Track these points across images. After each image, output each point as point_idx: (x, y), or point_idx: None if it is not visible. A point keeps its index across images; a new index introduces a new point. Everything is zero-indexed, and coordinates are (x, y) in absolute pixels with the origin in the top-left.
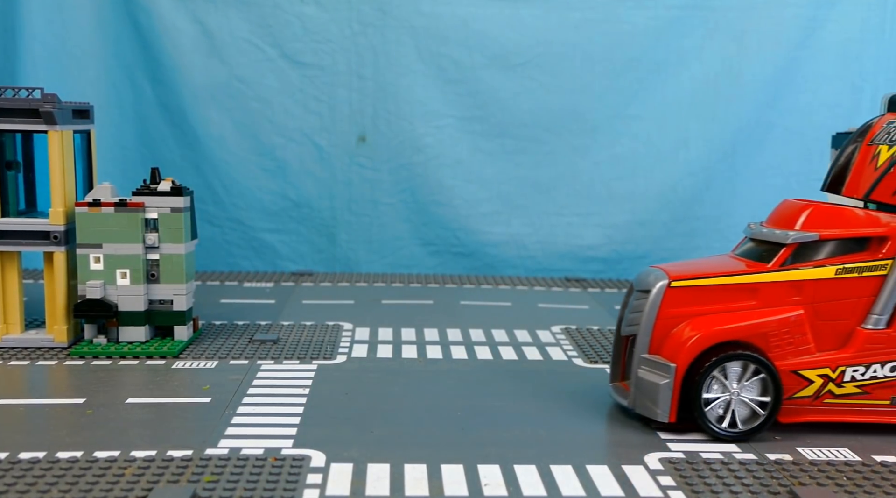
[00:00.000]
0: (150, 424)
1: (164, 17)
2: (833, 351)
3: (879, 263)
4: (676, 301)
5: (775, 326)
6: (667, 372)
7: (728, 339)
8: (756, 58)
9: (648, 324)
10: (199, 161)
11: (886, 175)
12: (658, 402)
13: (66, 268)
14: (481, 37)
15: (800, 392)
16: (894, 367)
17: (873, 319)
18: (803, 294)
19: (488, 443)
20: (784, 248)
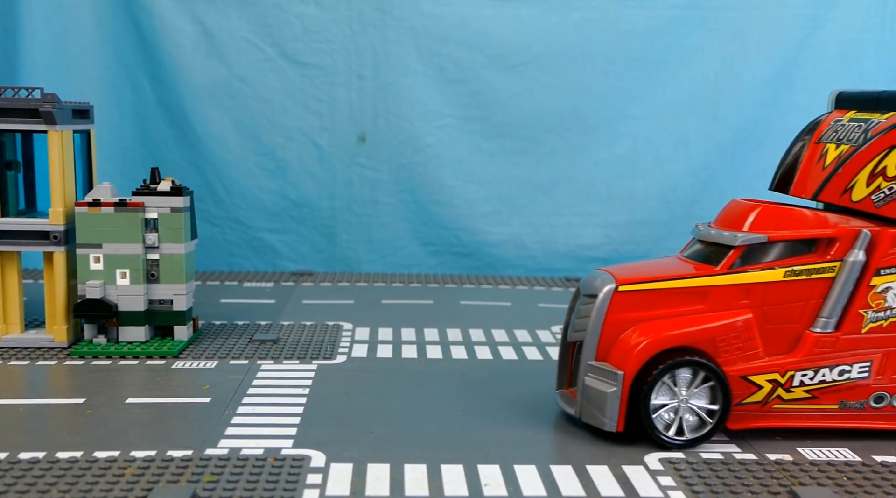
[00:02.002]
0: (150, 424)
1: (164, 17)
2: (782, 355)
3: (828, 265)
4: (624, 306)
5: (724, 331)
6: (614, 380)
7: (676, 345)
8: (756, 58)
9: (595, 329)
10: (199, 161)
11: (834, 175)
12: (605, 410)
13: (66, 268)
14: (481, 37)
15: (749, 398)
16: (843, 371)
17: (822, 322)
18: (752, 297)
19: (488, 443)
20: (732, 250)
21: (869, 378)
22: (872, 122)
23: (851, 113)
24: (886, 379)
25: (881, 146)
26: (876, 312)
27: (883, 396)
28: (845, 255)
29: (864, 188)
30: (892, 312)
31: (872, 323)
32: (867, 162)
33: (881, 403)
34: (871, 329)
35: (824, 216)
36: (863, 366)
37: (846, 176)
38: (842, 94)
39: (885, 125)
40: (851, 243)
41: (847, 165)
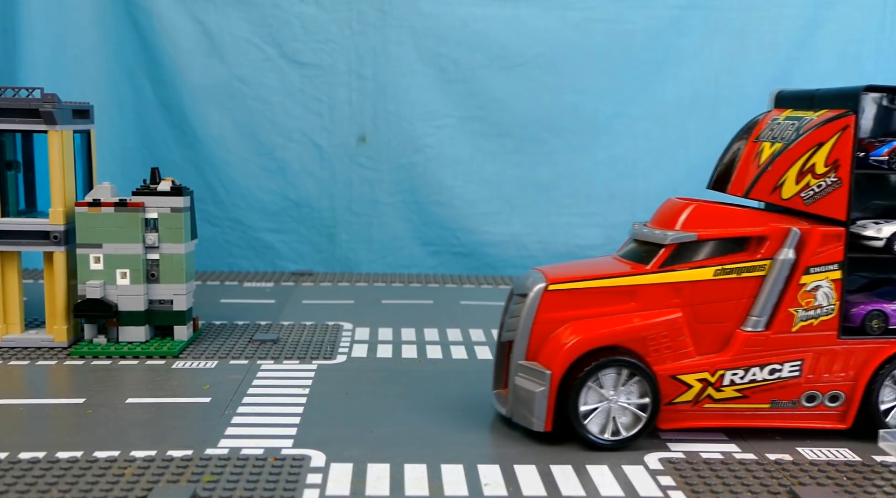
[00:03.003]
0: (150, 424)
1: (164, 17)
2: (712, 354)
3: (758, 263)
4: (554, 305)
5: (653, 330)
6: (542, 379)
7: (605, 344)
8: (756, 58)
9: (525, 329)
10: (199, 161)
11: (765, 172)
12: (534, 410)
13: (66, 268)
14: (481, 37)
15: (679, 397)
16: (774, 370)
17: (752, 321)
18: (682, 296)
19: (488, 443)
20: (663, 248)
21: (800, 377)
22: (805, 120)
23: (788, 111)
24: (818, 378)
25: (809, 143)
26: (806, 310)
27: (815, 396)
28: (775, 253)
29: (794, 186)
30: (823, 311)
31: (803, 322)
32: (796, 159)
33: (813, 403)
34: (802, 328)
35: (756, 214)
36: (794, 365)
37: (776, 173)
38: (781, 93)
39: (814, 123)
40: (781, 242)
41: (776, 163)
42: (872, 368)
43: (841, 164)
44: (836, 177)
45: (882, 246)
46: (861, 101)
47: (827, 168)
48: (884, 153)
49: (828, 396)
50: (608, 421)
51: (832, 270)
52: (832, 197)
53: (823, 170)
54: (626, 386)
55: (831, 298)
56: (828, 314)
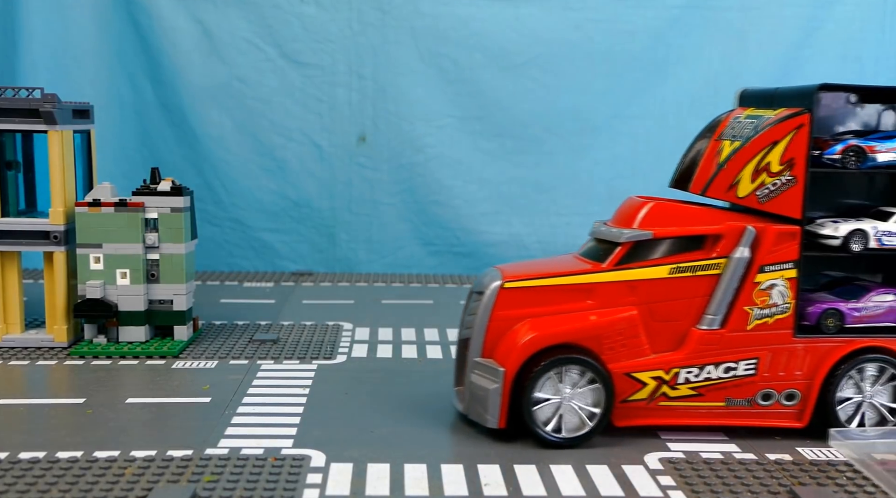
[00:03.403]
0: (150, 424)
1: (164, 17)
2: (668, 352)
3: (713, 261)
4: (510, 303)
5: (608, 328)
6: (496, 376)
7: (559, 342)
8: (756, 58)
9: (481, 326)
10: (199, 161)
11: (721, 171)
12: (488, 407)
13: (66, 268)
14: (481, 37)
15: (634, 395)
16: (729, 368)
17: (707, 319)
18: (637, 294)
19: (488, 443)
20: (619, 247)
21: (756, 375)
22: (763, 119)
23: (749, 110)
24: (773, 376)
25: (764, 142)
26: (761, 309)
27: (770, 394)
28: (731, 252)
29: (749, 184)
30: (778, 309)
31: (758, 320)
32: (751, 158)
33: (769, 401)
34: (757, 326)
35: (713, 213)
36: (749, 363)
37: (731, 172)
38: (745, 92)
39: (769, 121)
40: (737, 240)
41: (732, 161)
42: (828, 366)
43: (796, 162)
44: (791, 175)
45: (839, 245)
46: (816, 99)
47: (782, 166)
48: (837, 152)
49: (784, 395)
50: (559, 418)
51: (787, 269)
52: (787, 195)
53: (778, 168)
54: (581, 386)
55: (786, 296)
56: (783, 313)
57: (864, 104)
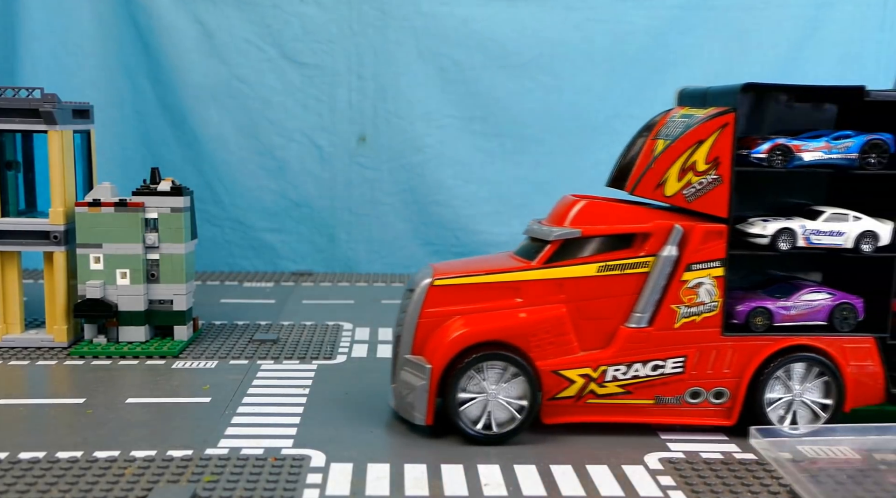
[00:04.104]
0: (150, 424)
1: (164, 17)
2: (596, 350)
3: (641, 260)
4: (439, 300)
5: (535, 326)
6: (423, 373)
7: (486, 339)
8: (756, 58)
9: (411, 324)
10: (199, 161)
11: (649, 170)
12: (415, 404)
13: (66, 268)
14: (481, 37)
15: (562, 392)
16: (657, 366)
17: (635, 317)
18: (566, 292)
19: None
20: (548, 245)
21: (684, 373)
22: (694, 118)
23: (684, 109)
24: (701, 374)
25: (690, 141)
26: (688, 307)
27: (699, 392)
28: (659, 250)
29: (676, 183)
30: (705, 308)
31: (685, 318)
32: (678, 157)
33: (697, 399)
34: (685, 324)
35: (642, 211)
36: (677, 361)
37: (659, 171)
38: (683, 91)
39: (695, 120)
40: (665, 238)
41: (659, 160)
42: (755, 365)
43: (721, 161)
44: (717, 174)
45: (767, 243)
46: (740, 99)
47: (707, 165)
48: (763, 151)
49: (712, 393)
50: (485, 415)
51: (714, 267)
52: (713, 194)
53: (704, 167)
54: (507, 381)
55: (714, 294)
56: (710, 311)
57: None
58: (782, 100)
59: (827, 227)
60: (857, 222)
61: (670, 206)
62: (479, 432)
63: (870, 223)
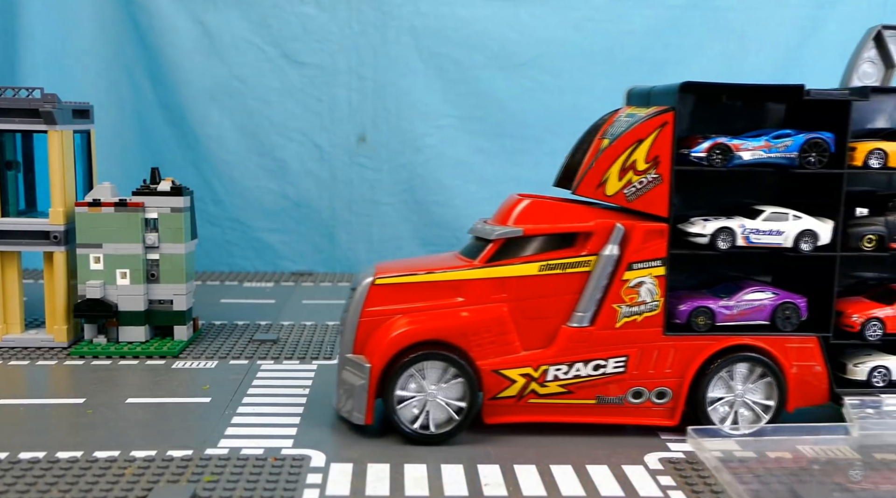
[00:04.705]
0: (150, 424)
1: (164, 16)
2: (537, 350)
3: (583, 259)
4: (380, 299)
5: (476, 325)
6: (363, 373)
7: (426, 338)
8: (756, 58)
9: (352, 323)
10: (199, 161)
11: (590, 169)
12: (355, 403)
13: (66, 268)
14: (481, 37)
15: (503, 392)
16: (598, 366)
17: (577, 316)
18: (507, 291)
19: (488, 443)
20: (490, 244)
21: (625, 373)
22: (636, 117)
23: (630, 108)
24: (643, 374)
25: (630, 140)
26: (629, 306)
27: (641, 392)
28: (600, 249)
29: (617, 182)
30: (647, 307)
31: (626, 318)
32: (618, 156)
33: (640, 399)
34: (626, 324)
35: (585, 210)
36: (618, 361)
37: (600, 170)
38: (632, 90)
39: (635, 119)
40: (606, 238)
41: (600, 159)
42: (697, 364)
43: (661, 160)
44: (657, 173)
45: (707, 242)
46: (679, 98)
47: (647, 164)
48: (703, 150)
49: (654, 393)
50: (423, 415)
51: (655, 267)
52: (653, 193)
53: (644, 166)
54: (446, 381)
55: (655, 294)
56: (652, 310)
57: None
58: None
59: (766, 226)
60: (797, 221)
61: (615, 205)
62: (416, 432)
63: (810, 222)
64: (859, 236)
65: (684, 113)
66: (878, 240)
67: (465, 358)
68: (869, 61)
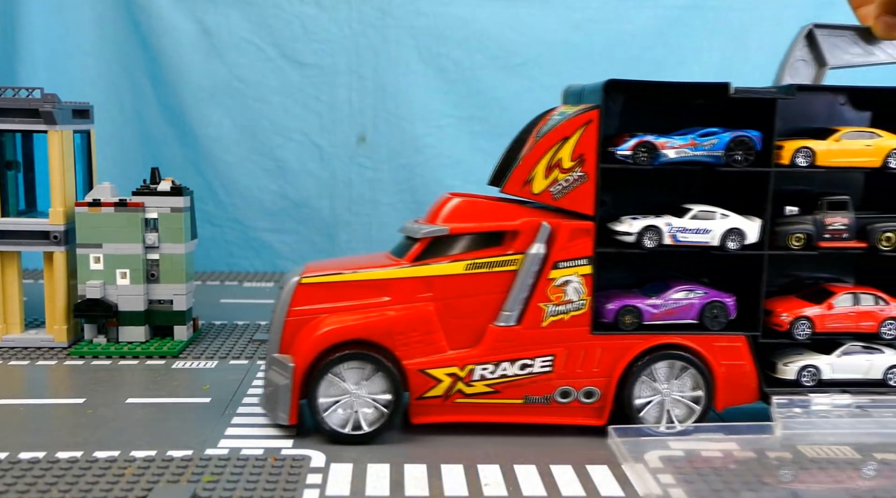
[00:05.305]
0: (150, 424)
1: (164, 16)
2: (464, 349)
3: (509, 258)
4: (307, 298)
5: (402, 324)
6: (286, 372)
7: (351, 337)
8: (756, 58)
9: (279, 322)
10: (199, 161)
11: (516, 167)
12: (278, 403)
13: (66, 268)
14: (481, 37)
15: (429, 391)
16: (525, 365)
17: (504, 315)
18: (434, 290)
19: (488, 443)
20: (417, 242)
21: (552, 373)
22: (566, 115)
23: (565, 106)
24: (571, 373)
25: (556, 138)
26: (556, 305)
27: (568, 391)
28: (527, 248)
29: (543, 180)
30: (573, 306)
31: (553, 317)
32: (544, 154)
33: (567, 398)
34: (552, 323)
35: (513, 209)
36: (545, 360)
37: (526, 168)
38: (568, 88)
39: (561, 118)
40: (533, 236)
41: (527, 157)
42: (624, 363)
43: (586, 158)
44: (582, 171)
45: (633, 241)
46: (603, 96)
47: (573, 163)
48: (628, 148)
49: (582, 392)
50: (347, 413)
51: (581, 265)
52: (579, 191)
53: (570, 164)
54: (371, 381)
55: (581, 293)
56: (578, 309)
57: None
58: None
59: (693, 224)
60: (724, 220)
61: (544, 204)
62: (340, 432)
63: (736, 221)
64: (787, 235)
65: (615, 111)
66: (805, 238)
67: (390, 357)
68: (801, 60)
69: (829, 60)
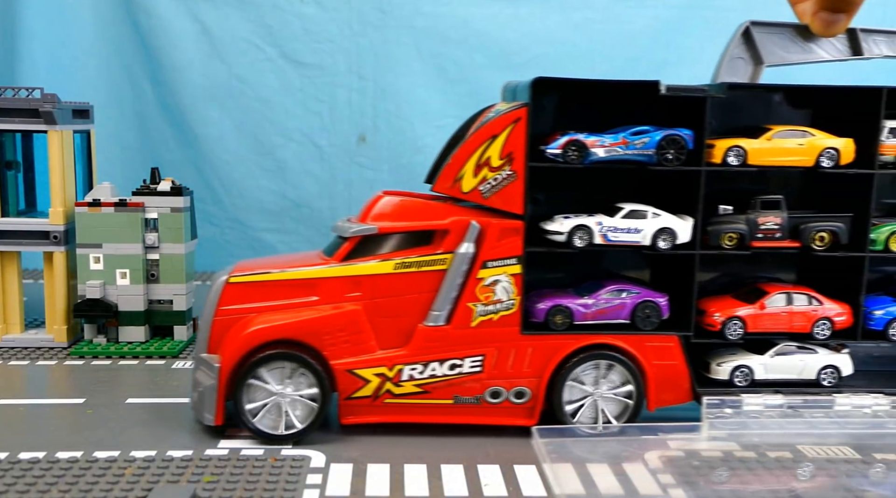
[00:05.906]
0: (150, 424)
1: (164, 16)
2: (393, 349)
3: (438, 257)
4: (235, 297)
5: (329, 324)
6: (212, 372)
7: (278, 337)
8: None
9: (207, 322)
10: (199, 161)
11: (446, 165)
12: (205, 404)
13: (66, 268)
14: (481, 37)
15: (357, 392)
16: (454, 365)
17: (433, 315)
18: (362, 290)
19: (488, 443)
20: (346, 241)
21: (482, 373)
22: (498, 112)
23: (501, 104)
24: (501, 374)
25: (484, 136)
26: (485, 305)
27: (499, 392)
28: (456, 247)
29: (472, 178)
30: (503, 306)
31: (482, 317)
32: (473, 152)
33: (498, 399)
34: (482, 323)
35: (442, 208)
36: (475, 360)
37: (456, 166)
38: (506, 85)
39: (491, 115)
40: (462, 235)
41: (456, 155)
42: (554, 364)
43: (515, 157)
44: (511, 170)
45: (564, 240)
46: (532, 93)
47: (502, 161)
48: (558, 146)
49: (513, 392)
50: (280, 415)
51: (511, 265)
52: (508, 190)
53: (499, 163)
54: (297, 382)
55: (511, 292)
56: (508, 309)
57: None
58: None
59: (624, 224)
60: (656, 219)
61: (475, 203)
62: (267, 432)
63: (668, 220)
64: (720, 234)
65: (549, 109)
66: (738, 238)
67: (317, 357)
68: (739, 58)
69: (765, 58)
